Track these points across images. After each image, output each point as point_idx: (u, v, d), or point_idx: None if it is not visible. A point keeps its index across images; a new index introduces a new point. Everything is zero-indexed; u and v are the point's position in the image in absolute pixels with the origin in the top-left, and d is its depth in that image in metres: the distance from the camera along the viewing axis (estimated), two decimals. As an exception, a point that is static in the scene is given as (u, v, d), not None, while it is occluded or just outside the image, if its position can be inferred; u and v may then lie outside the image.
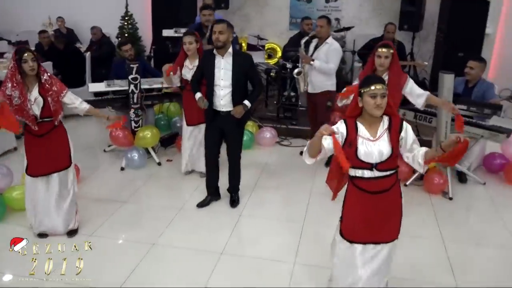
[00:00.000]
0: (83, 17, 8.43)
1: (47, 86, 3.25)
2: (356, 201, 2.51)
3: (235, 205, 4.05)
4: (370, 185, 2.44)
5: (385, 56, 3.45)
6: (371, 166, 2.40)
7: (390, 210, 2.52)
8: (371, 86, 2.33)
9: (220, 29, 3.57)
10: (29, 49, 3.23)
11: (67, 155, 3.47)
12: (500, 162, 4.69)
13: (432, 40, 7.27)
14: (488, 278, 3.13)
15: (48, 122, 3.32)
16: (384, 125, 2.42)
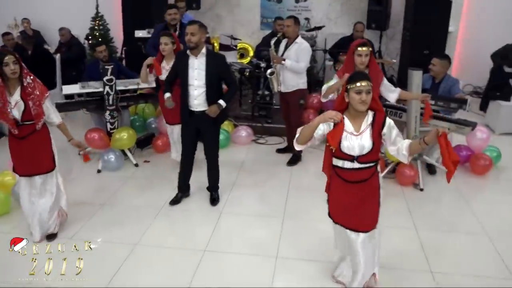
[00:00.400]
0: (50, 18, 8.25)
1: (29, 89, 3.21)
2: (337, 188, 2.68)
3: (216, 203, 4.10)
4: (349, 175, 2.59)
5: (365, 54, 3.57)
6: (352, 158, 2.55)
7: (367, 200, 2.66)
8: (357, 83, 2.47)
9: (192, 30, 3.61)
10: (10, 51, 3.19)
11: (50, 158, 3.44)
12: (466, 154, 4.92)
13: (398, 38, 7.54)
14: (459, 263, 3.31)
15: (29, 125, 3.28)
16: (368, 120, 2.56)
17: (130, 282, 3.08)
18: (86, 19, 7.46)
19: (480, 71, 7.02)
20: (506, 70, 6.21)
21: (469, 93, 7.43)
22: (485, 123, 6.09)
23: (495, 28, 7.16)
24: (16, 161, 3.41)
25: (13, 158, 3.42)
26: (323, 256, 3.30)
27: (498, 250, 3.44)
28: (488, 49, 6.70)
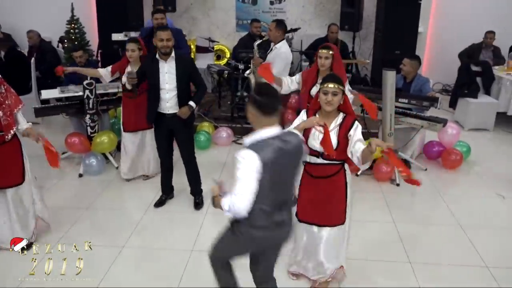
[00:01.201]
0: (21, 21, 8.09)
1: (1, 99, 3.14)
2: (304, 183, 2.83)
3: (199, 207, 4.13)
4: (315, 170, 2.77)
5: (325, 57, 3.68)
6: (318, 154, 2.71)
7: (333, 196, 2.80)
8: (325, 84, 2.63)
9: (168, 36, 3.66)
10: None
11: (19, 171, 3.35)
12: (438, 150, 5.15)
13: (371, 39, 7.77)
14: (436, 253, 3.50)
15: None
16: (338, 121, 2.71)
17: (119, 285, 3.10)
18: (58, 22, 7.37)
19: (449, 69, 7.32)
20: (473, 68, 6.50)
21: (439, 91, 7.75)
22: (454, 119, 6.37)
23: (461, 29, 7.49)
24: None
25: None
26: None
27: (471, 240, 3.64)
28: (456, 48, 7.02)
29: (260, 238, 2.31)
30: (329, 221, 2.84)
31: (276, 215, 2.29)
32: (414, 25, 6.87)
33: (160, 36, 3.65)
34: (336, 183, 2.79)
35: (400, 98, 4.65)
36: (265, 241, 2.38)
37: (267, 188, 2.17)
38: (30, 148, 3.57)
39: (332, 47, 3.77)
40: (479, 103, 6.24)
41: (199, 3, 8.14)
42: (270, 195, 2.21)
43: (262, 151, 2.11)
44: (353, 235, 3.62)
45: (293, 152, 2.26)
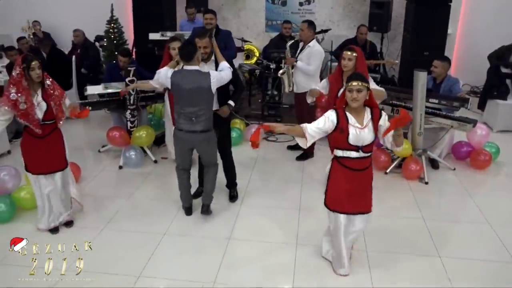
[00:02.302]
0: (59, 21, 8.48)
1: (50, 91, 3.45)
2: (341, 177, 3.01)
3: (234, 200, 4.32)
4: (355, 163, 2.97)
5: (348, 58, 3.86)
6: (357, 148, 2.91)
7: (366, 186, 3.07)
8: (349, 83, 2.85)
9: (205, 44, 3.79)
10: (35, 57, 3.40)
11: (63, 157, 3.67)
12: (466, 150, 5.22)
13: (399, 40, 7.82)
14: (465, 248, 3.60)
15: (50, 124, 3.50)
16: (368, 116, 2.93)
17: (161, 271, 3.31)
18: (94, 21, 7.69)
19: (477, 71, 7.34)
20: (503, 70, 6.52)
21: (467, 93, 7.75)
22: (483, 121, 6.40)
23: (491, 30, 7.49)
24: (32, 160, 3.55)
25: (27, 157, 3.56)
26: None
27: (500, 237, 3.73)
28: (485, 50, 7.02)
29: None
30: (362, 208, 3.09)
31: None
32: (443, 26, 6.89)
33: (198, 44, 3.76)
34: (368, 174, 3.05)
35: (430, 99, 4.75)
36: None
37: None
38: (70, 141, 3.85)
39: (355, 49, 3.92)
40: (509, 105, 6.25)
41: (229, 4, 8.36)
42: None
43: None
44: (383, 230, 3.81)
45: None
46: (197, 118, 3.63)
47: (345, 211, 3.06)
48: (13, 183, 4.04)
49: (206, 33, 3.87)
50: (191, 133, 3.67)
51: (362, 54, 4.01)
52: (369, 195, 3.11)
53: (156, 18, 6.88)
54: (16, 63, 3.37)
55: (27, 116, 3.38)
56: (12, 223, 3.91)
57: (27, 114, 3.37)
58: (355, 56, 3.87)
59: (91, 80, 6.81)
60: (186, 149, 3.85)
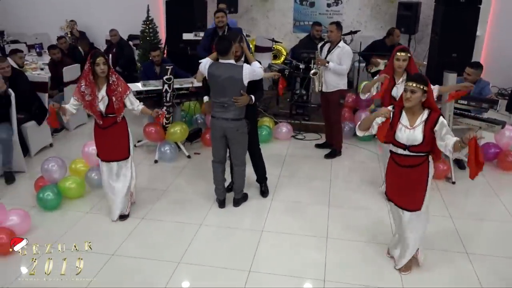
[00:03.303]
0: (94, 20, 8.84)
1: (114, 86, 3.70)
2: (390, 170, 3.19)
3: (266, 195, 4.48)
4: (401, 160, 3.07)
5: (403, 59, 3.96)
6: (404, 146, 3.01)
7: (414, 184, 3.10)
8: (406, 82, 2.94)
9: (237, 49, 3.95)
10: (102, 53, 3.67)
11: (126, 148, 3.92)
12: (494, 151, 5.27)
13: (426, 41, 7.86)
14: (492, 246, 3.69)
15: (111, 117, 3.77)
16: (423, 117, 2.98)
17: (201, 257, 3.51)
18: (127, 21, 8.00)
19: (505, 73, 7.34)
20: (532, 73, 6.50)
21: (495, 95, 7.74)
22: (511, 123, 6.39)
23: (520, 33, 7.47)
24: (98, 148, 3.92)
25: (97, 145, 3.92)
26: (369, 237, 3.73)
27: (527, 236, 3.81)
28: (514, 52, 7.02)
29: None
30: (408, 206, 3.15)
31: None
32: (472, 28, 6.91)
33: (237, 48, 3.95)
34: (419, 172, 3.08)
35: (459, 100, 4.81)
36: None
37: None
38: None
39: (408, 50, 4.03)
40: (537, 108, 6.25)
41: (258, 5, 8.54)
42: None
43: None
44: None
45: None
46: (229, 106, 3.88)
47: (395, 203, 3.21)
48: (59, 173, 4.31)
49: (236, 38, 4.00)
50: (223, 120, 3.93)
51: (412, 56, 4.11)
52: (418, 194, 3.10)
53: (187, 18, 7.12)
54: (87, 58, 3.65)
55: (91, 107, 3.70)
56: (59, 210, 4.18)
57: (91, 105, 3.69)
58: (409, 57, 3.99)
59: (125, 78, 7.01)
60: (218, 137, 4.05)
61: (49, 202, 4.13)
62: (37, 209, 4.16)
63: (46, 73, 6.35)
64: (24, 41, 8.60)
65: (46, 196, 4.12)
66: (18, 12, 9.35)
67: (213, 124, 4.04)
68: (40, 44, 8.29)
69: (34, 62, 7.04)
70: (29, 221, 3.80)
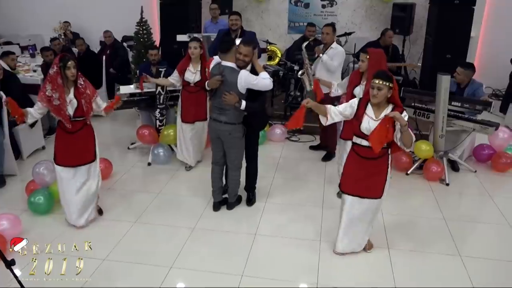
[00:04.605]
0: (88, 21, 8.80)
1: (82, 89, 3.66)
2: (351, 162, 3.30)
3: (251, 204, 4.34)
4: (364, 151, 3.20)
5: (361, 60, 4.10)
6: (366, 137, 3.13)
7: (374, 174, 3.23)
8: (373, 80, 3.06)
9: (246, 52, 3.75)
10: (72, 57, 3.62)
11: (92, 151, 3.87)
12: (488, 153, 5.28)
13: (421, 43, 7.86)
14: (485, 249, 3.69)
15: (80, 121, 3.71)
16: (387, 111, 3.11)
17: (191, 262, 3.48)
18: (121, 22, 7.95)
19: (500, 74, 7.35)
20: (526, 74, 6.52)
21: (489, 96, 7.75)
22: (505, 124, 6.41)
23: (514, 34, 7.49)
24: (61, 153, 3.77)
25: (58, 150, 3.79)
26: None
27: (520, 239, 3.81)
28: (508, 53, 7.03)
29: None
30: (368, 193, 3.27)
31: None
32: (466, 29, 6.91)
33: (240, 50, 3.77)
34: (379, 164, 3.22)
35: (453, 102, 4.82)
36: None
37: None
38: (99, 138, 3.98)
39: (369, 52, 4.06)
40: (531, 109, 6.27)
41: (253, 5, 8.52)
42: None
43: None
44: (405, 229, 3.91)
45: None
46: (224, 110, 3.88)
47: (349, 192, 3.31)
48: (50, 176, 4.27)
49: (252, 43, 3.90)
50: (217, 122, 3.95)
51: (377, 56, 4.04)
52: (378, 182, 3.24)
53: (182, 19, 7.09)
54: (54, 61, 3.58)
55: (59, 111, 3.61)
56: (52, 214, 4.13)
57: (59, 109, 3.60)
58: (367, 58, 4.05)
59: (119, 80, 7.07)
60: (214, 139, 4.06)
61: (40, 206, 4.09)
62: (28, 213, 4.12)
63: (39, 75, 6.30)
64: (17, 42, 8.54)
65: (37, 200, 4.08)
66: (12, 13, 9.29)
67: (210, 126, 4.09)
68: (33, 46, 8.23)
69: (27, 64, 6.99)
70: (20, 226, 3.76)
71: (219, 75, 3.86)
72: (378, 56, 4.06)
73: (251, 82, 3.81)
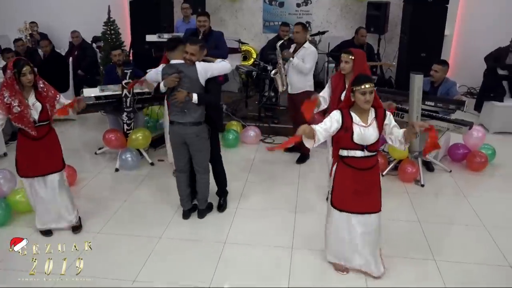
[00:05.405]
0: (57, 22, 8.49)
1: (44, 93, 3.46)
2: (346, 177, 3.04)
3: (222, 210, 4.19)
4: (360, 163, 2.99)
5: (345, 61, 3.80)
6: (362, 147, 2.94)
7: (373, 185, 3.08)
8: (362, 85, 2.84)
9: (192, 51, 3.63)
10: (27, 62, 3.38)
11: (60, 158, 3.68)
12: (463, 152, 5.23)
13: (396, 41, 7.83)
14: (460, 251, 3.60)
15: (45, 125, 3.50)
16: (372, 115, 2.96)
17: (157, 275, 3.31)
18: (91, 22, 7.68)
19: (474, 73, 7.33)
20: (500, 72, 6.53)
21: (464, 94, 7.77)
22: (479, 122, 6.41)
23: (488, 32, 7.49)
24: (27, 162, 3.52)
25: (22, 160, 3.54)
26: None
27: (495, 240, 3.74)
28: (482, 52, 7.02)
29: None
30: (372, 208, 3.09)
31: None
32: (440, 28, 6.91)
33: (186, 49, 3.65)
34: (374, 172, 3.06)
35: (426, 101, 4.75)
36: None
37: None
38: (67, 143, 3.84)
39: (353, 52, 3.84)
40: (505, 107, 6.26)
41: (227, 5, 8.35)
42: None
43: None
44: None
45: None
46: (189, 110, 3.67)
47: (353, 211, 3.08)
48: (8, 186, 4.04)
49: (199, 42, 3.77)
50: (182, 125, 3.72)
51: (361, 56, 3.92)
52: (378, 194, 3.10)
53: (153, 19, 6.89)
54: (8, 67, 3.36)
55: (22, 118, 3.37)
56: (9, 226, 3.90)
57: (21, 116, 3.37)
58: (352, 59, 3.82)
59: (88, 82, 6.82)
60: (178, 144, 3.83)
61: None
62: (-17, 226, 3.88)
63: (1, 77, 6.00)
64: (-20, 43, 8.17)
65: (-8, 211, 3.84)
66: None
67: (172, 131, 3.82)
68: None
69: (-12, 66, 6.65)
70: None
71: (175, 73, 3.66)
72: (362, 57, 3.90)
73: (210, 69, 3.69)
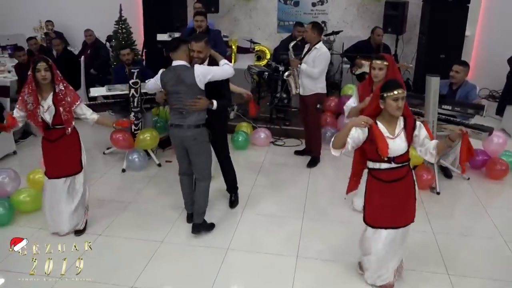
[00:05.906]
0: (71, 21, 8.50)
1: (61, 96, 3.38)
2: (375, 191, 2.86)
3: (234, 206, 4.18)
4: (387, 174, 2.80)
5: (378, 67, 3.62)
6: (389, 159, 2.75)
7: (405, 196, 2.88)
8: (394, 91, 2.65)
9: (199, 48, 3.58)
10: (45, 58, 3.33)
11: (77, 161, 3.61)
12: (482, 159, 4.98)
13: (414, 42, 7.59)
14: (476, 266, 3.40)
15: (59, 129, 3.45)
16: (401, 125, 2.78)
17: (156, 280, 3.21)
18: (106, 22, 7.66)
19: (496, 75, 7.05)
20: (523, 75, 6.24)
21: (485, 97, 7.49)
22: (501, 127, 6.14)
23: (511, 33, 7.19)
24: (48, 163, 3.57)
25: (45, 160, 3.59)
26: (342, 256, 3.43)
27: (514, 254, 3.52)
28: (505, 53, 6.73)
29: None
30: (407, 221, 2.94)
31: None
32: (461, 28, 6.66)
33: (192, 47, 3.58)
34: (406, 183, 2.87)
35: (443, 105, 4.53)
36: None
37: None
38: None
39: (386, 57, 3.68)
40: (529, 111, 5.98)
41: (241, 4, 8.23)
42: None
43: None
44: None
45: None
46: (187, 113, 3.53)
47: (388, 226, 2.90)
48: (12, 186, 4.00)
49: (203, 38, 3.69)
50: (179, 127, 3.57)
51: (393, 61, 3.77)
52: (411, 204, 2.93)
53: (166, 18, 6.83)
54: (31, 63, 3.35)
55: (33, 117, 3.39)
56: (10, 226, 3.86)
57: (33, 115, 3.38)
58: (386, 65, 3.64)
59: (100, 81, 6.80)
60: (179, 147, 3.71)
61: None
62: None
63: (14, 76, 6.03)
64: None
65: (-6, 211, 3.80)
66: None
67: (172, 134, 3.70)
68: (13, 45, 7.94)
69: (2, 64, 6.70)
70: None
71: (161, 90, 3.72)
72: (394, 62, 3.73)
73: (209, 73, 3.53)
